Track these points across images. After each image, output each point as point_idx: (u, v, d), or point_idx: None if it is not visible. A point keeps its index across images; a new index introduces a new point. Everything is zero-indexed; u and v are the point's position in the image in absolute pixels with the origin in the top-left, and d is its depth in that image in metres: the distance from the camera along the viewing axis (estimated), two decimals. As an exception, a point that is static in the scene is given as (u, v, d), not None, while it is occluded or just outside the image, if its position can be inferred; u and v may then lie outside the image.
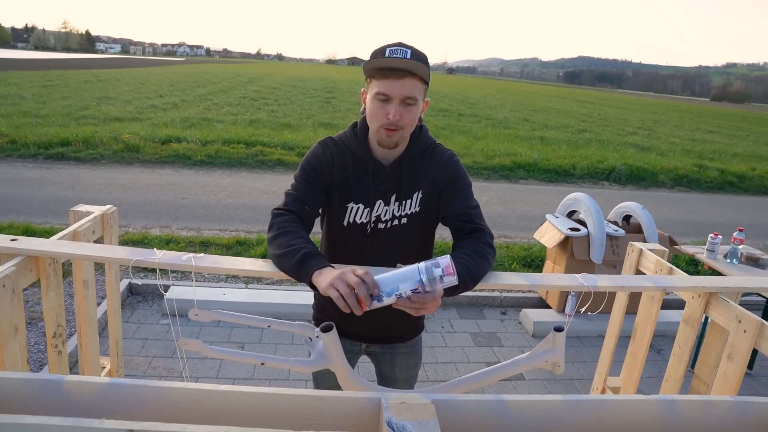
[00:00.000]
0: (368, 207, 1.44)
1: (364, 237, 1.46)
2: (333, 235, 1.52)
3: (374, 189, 1.43)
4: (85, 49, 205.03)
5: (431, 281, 1.06)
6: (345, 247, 1.50)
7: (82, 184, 6.65)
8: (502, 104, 26.98)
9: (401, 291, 1.09)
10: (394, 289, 1.09)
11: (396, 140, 1.35)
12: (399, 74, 1.27)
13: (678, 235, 5.65)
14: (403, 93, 1.29)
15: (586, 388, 3.15)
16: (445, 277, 1.05)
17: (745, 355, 1.33)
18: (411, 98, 1.30)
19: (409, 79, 1.28)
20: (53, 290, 1.38)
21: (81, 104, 13.55)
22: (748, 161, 13.40)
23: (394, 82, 1.28)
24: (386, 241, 1.46)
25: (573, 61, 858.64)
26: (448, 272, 1.05)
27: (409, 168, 1.44)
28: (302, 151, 9.34)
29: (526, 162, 10.03)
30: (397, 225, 1.45)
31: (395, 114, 1.29)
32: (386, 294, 1.10)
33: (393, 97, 1.29)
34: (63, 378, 0.82)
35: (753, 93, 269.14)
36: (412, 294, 1.09)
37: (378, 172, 1.43)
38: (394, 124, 1.31)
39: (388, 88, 1.29)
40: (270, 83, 28.45)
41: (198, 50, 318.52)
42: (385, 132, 1.33)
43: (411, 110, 1.32)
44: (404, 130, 1.34)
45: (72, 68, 32.10)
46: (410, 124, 1.34)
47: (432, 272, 1.06)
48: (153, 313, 3.59)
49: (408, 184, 1.44)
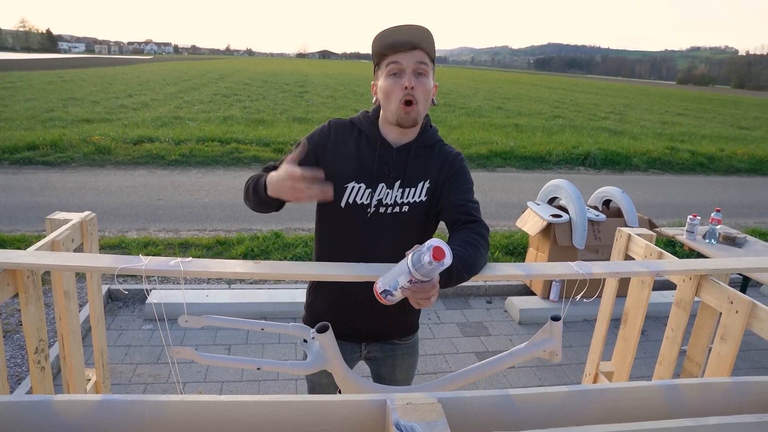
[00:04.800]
0: (370, 188, 1.40)
1: (363, 220, 1.42)
2: (329, 218, 1.47)
3: (379, 170, 1.41)
4: (46, 48, 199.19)
5: (420, 268, 1.01)
6: (341, 230, 1.45)
7: (53, 189, 6.46)
8: (474, 93, 27.10)
9: (401, 284, 1.06)
10: (396, 283, 1.08)
11: (414, 117, 1.36)
12: (408, 46, 1.32)
13: (655, 217, 5.74)
14: (415, 61, 1.32)
15: (575, 373, 3.18)
16: (434, 261, 0.99)
17: (738, 335, 1.35)
18: (423, 65, 1.33)
19: (419, 51, 1.32)
20: (33, 304, 1.31)
21: (46, 106, 13.16)
22: (716, 142, 13.74)
23: (405, 54, 1.32)
24: (385, 228, 1.42)
25: (543, 48, 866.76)
26: (436, 256, 0.99)
27: (417, 156, 1.43)
28: (278, 147, 9.23)
29: (503, 150, 10.10)
30: (398, 212, 1.42)
31: (410, 81, 1.31)
32: (393, 288, 1.09)
33: (405, 67, 1.32)
34: (51, 398, 0.78)
35: (716, 75, 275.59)
36: (410, 285, 1.06)
37: (385, 154, 1.41)
38: (410, 94, 1.32)
39: (400, 59, 1.32)
40: (241, 79, 28.05)
41: (166, 48, 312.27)
42: (404, 109, 1.34)
43: (423, 82, 1.34)
44: (419, 105, 1.35)
45: (34, 69, 31.08)
46: (424, 99, 1.35)
47: (420, 259, 1.01)
48: (135, 318, 3.50)
49: (414, 171, 1.42)
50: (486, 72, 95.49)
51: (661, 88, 62.60)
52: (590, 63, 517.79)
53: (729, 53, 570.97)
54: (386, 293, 1.12)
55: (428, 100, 1.37)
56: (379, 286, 1.14)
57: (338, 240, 1.47)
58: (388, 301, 1.12)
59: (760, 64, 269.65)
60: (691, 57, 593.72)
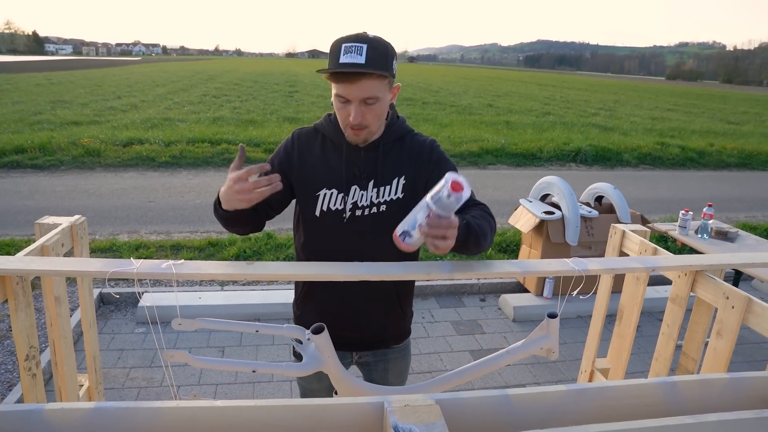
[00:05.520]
0: (342, 192, 1.38)
1: (341, 226, 1.39)
2: (307, 229, 1.45)
3: (348, 172, 1.38)
4: (33, 50, 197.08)
5: (439, 201, 1.00)
6: (320, 239, 1.43)
7: (42, 193, 6.39)
8: (465, 91, 27.13)
9: (419, 221, 1.06)
10: (414, 221, 1.08)
11: (364, 138, 1.34)
12: (354, 77, 1.23)
13: (646, 212, 5.78)
14: (361, 95, 1.26)
15: (569, 370, 3.19)
16: (453, 193, 0.98)
17: (734, 330, 1.36)
18: (370, 98, 1.27)
19: (366, 80, 1.24)
20: (23, 310, 1.29)
21: (34, 109, 13.02)
22: (705, 137, 13.84)
23: (350, 85, 1.25)
24: (366, 230, 1.40)
25: (532, 45, 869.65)
26: (455, 187, 0.98)
27: (386, 153, 1.40)
28: (268, 147, 9.19)
29: (494, 147, 10.11)
30: (376, 213, 1.39)
31: (356, 116, 1.27)
32: (411, 227, 1.09)
33: (351, 99, 1.27)
34: (43, 407, 0.76)
35: (704, 71, 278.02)
36: (427, 221, 1.04)
37: (352, 155, 1.39)
38: (358, 125, 1.29)
39: (345, 91, 1.26)
40: (231, 79, 27.91)
41: (154, 49, 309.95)
42: (351, 131, 1.32)
43: (373, 109, 1.29)
44: (370, 128, 1.33)
45: (20, 71, 30.77)
46: (375, 122, 1.33)
47: (439, 192, 1.00)
48: (127, 322, 3.47)
49: (386, 169, 1.40)
50: (476, 69, 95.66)
51: (650, 84, 62.95)
52: (579, 59, 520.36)
53: (717, 48, 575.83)
54: (405, 235, 1.12)
55: (382, 117, 1.35)
56: (398, 229, 1.14)
57: (320, 249, 1.44)
58: (406, 244, 1.12)
59: (747, 59, 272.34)
60: (679, 52, 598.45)
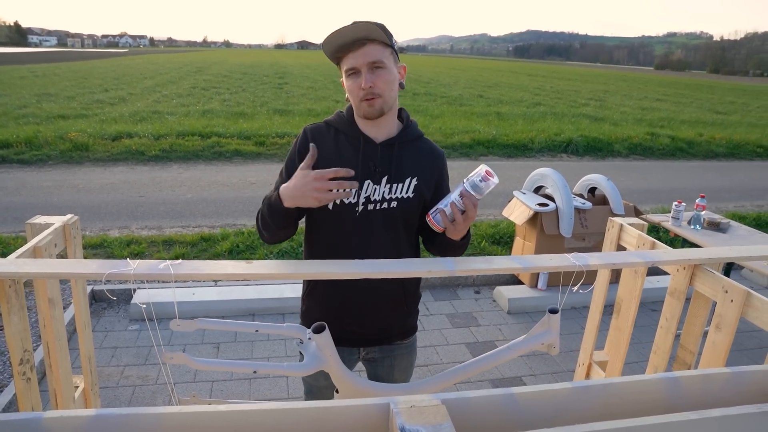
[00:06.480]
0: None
1: (353, 220, 1.40)
2: (318, 221, 1.46)
3: (364, 166, 1.39)
4: (15, 42, 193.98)
5: (474, 184, 1.22)
6: (332, 232, 1.43)
7: (29, 188, 6.30)
8: (455, 81, 27.08)
9: (452, 199, 1.25)
10: (447, 200, 1.27)
11: (379, 107, 1.35)
12: (357, 44, 1.30)
13: (638, 203, 5.80)
14: (367, 59, 1.30)
15: (565, 361, 3.21)
16: (487, 177, 1.22)
17: (733, 324, 1.36)
18: (377, 62, 1.31)
19: (369, 45, 1.30)
20: (16, 314, 1.26)
21: (19, 102, 12.81)
22: (695, 127, 13.93)
23: (355, 53, 1.31)
24: (376, 225, 1.41)
25: (521, 35, 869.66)
26: (487, 176, 1.22)
27: (401, 151, 1.43)
28: (259, 139, 9.12)
29: (485, 138, 10.11)
30: (386, 208, 1.41)
31: (367, 80, 1.31)
32: (444, 205, 1.28)
33: (359, 67, 1.31)
34: (41, 416, 0.74)
35: (692, 61, 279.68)
36: (461, 199, 1.24)
37: (369, 150, 1.40)
38: (370, 92, 1.32)
39: (352, 60, 1.31)
40: (220, 71, 27.65)
41: (141, 40, 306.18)
42: (366, 103, 1.34)
43: (382, 74, 1.33)
44: (383, 96, 1.34)
45: (3, 63, 30.26)
46: (387, 89, 1.34)
47: (475, 177, 1.23)
48: (120, 319, 3.44)
49: (400, 166, 1.42)
50: (465, 60, 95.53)
51: (639, 74, 63.21)
52: (569, 50, 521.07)
53: (704, 39, 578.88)
54: (436, 212, 1.29)
55: (393, 87, 1.37)
56: (431, 210, 1.31)
57: (331, 243, 1.44)
58: (435, 221, 1.30)
59: (733, 50, 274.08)
60: (667, 43, 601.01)
